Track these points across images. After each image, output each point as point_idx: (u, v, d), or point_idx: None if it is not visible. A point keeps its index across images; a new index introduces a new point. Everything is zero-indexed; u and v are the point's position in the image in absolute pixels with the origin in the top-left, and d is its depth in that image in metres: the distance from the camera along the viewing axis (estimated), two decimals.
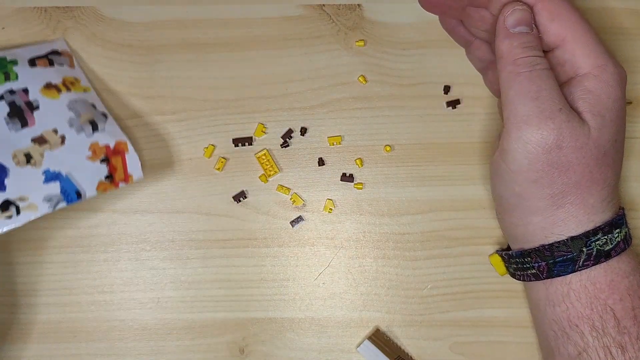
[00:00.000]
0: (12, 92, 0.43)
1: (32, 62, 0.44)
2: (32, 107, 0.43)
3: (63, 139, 0.42)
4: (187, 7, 0.48)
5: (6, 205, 0.40)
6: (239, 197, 0.47)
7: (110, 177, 0.42)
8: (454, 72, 0.48)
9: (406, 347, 0.47)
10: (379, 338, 0.46)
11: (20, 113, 0.42)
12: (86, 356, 0.47)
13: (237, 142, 0.47)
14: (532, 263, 0.41)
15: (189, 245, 0.47)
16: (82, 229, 0.47)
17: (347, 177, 0.47)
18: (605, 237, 0.39)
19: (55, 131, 0.42)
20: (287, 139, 0.47)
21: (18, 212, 0.40)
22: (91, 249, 0.47)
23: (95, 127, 0.43)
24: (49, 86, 0.43)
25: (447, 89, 0.48)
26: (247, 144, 0.47)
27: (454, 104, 0.47)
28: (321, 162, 0.47)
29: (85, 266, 0.47)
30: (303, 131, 0.48)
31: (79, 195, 0.41)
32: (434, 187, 0.47)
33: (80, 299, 0.47)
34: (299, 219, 0.47)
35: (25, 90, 0.43)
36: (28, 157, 0.41)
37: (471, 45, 0.44)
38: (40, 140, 0.42)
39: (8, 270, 0.47)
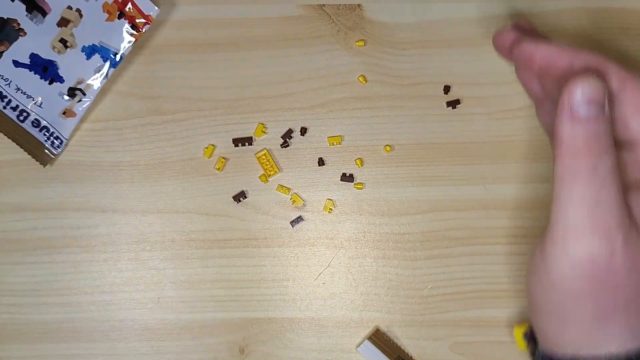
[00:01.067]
0: None
1: None
2: None
3: (80, 12, 0.45)
4: (188, 7, 0.48)
5: (72, 92, 0.45)
6: (239, 197, 0.47)
7: (134, 27, 0.45)
8: (454, 72, 0.48)
9: (406, 347, 0.47)
10: (379, 338, 0.46)
11: (35, 4, 0.44)
12: (86, 356, 0.47)
13: (237, 142, 0.47)
14: None
15: (189, 245, 0.47)
16: (82, 229, 0.47)
17: (347, 177, 0.47)
18: None
19: (70, 7, 0.45)
20: (287, 139, 0.47)
21: (84, 94, 0.46)
22: (91, 249, 0.47)
23: None
24: None
25: (447, 89, 0.48)
26: (247, 144, 0.47)
27: (454, 104, 0.47)
28: (321, 162, 0.47)
29: (85, 266, 0.47)
30: (303, 131, 0.48)
31: (117, 56, 0.45)
32: (434, 187, 0.47)
33: (80, 299, 0.47)
34: (299, 219, 0.47)
35: None
36: (64, 42, 0.45)
37: (542, 104, 0.39)
38: (63, 22, 0.45)
39: (8, 270, 0.47)
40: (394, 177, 0.48)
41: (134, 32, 0.45)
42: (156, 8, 0.45)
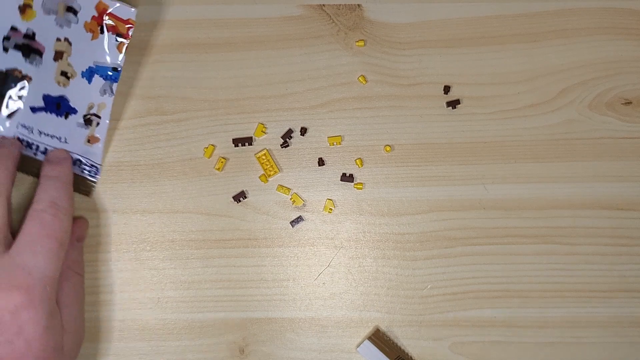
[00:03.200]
0: (6, 38, 0.43)
1: None
2: (30, 37, 0.44)
3: (67, 40, 0.45)
4: (187, 7, 0.48)
5: (87, 119, 0.46)
6: (239, 197, 0.47)
7: (119, 35, 0.45)
8: (454, 72, 0.48)
9: (406, 347, 0.47)
10: (379, 338, 0.46)
11: (29, 47, 0.44)
12: (86, 356, 0.47)
13: (237, 142, 0.47)
14: None
15: (189, 245, 0.47)
16: None
17: (347, 177, 0.47)
18: None
19: (59, 39, 0.45)
20: (287, 139, 0.47)
21: (98, 116, 0.46)
22: (91, 249, 0.47)
23: (74, 11, 0.44)
24: (20, 9, 0.44)
25: (447, 89, 0.48)
26: (247, 144, 0.47)
27: (454, 104, 0.48)
28: (321, 162, 0.47)
29: (86, 266, 0.47)
30: (303, 131, 0.48)
31: (116, 69, 0.45)
32: (433, 187, 0.47)
33: None
34: (299, 219, 0.47)
35: (13, 28, 0.44)
36: (65, 74, 0.45)
37: None
38: (58, 56, 0.45)
39: None
40: (394, 177, 0.48)
41: (122, 40, 0.45)
42: (132, 9, 0.44)
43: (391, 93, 0.48)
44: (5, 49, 0.43)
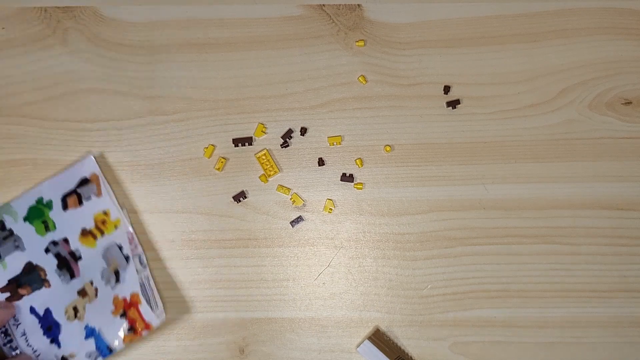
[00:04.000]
0: (55, 243, 0.45)
1: (65, 203, 0.46)
2: (75, 257, 0.45)
3: (96, 291, 0.45)
4: (187, 7, 0.48)
5: None
6: (239, 197, 0.47)
7: (132, 329, 0.45)
8: (454, 72, 0.48)
9: (406, 347, 0.47)
10: (379, 338, 0.46)
11: (67, 264, 0.45)
12: None
13: (237, 142, 0.47)
14: None
15: (189, 245, 0.47)
16: None
17: (347, 177, 0.47)
18: None
19: (92, 283, 0.45)
20: (287, 139, 0.48)
21: None
22: None
23: (117, 278, 0.45)
24: (85, 233, 0.45)
25: (447, 89, 0.48)
26: (247, 144, 0.47)
27: (454, 104, 0.48)
28: (321, 162, 0.47)
29: None
30: (303, 131, 0.48)
31: (110, 350, 0.45)
32: (433, 187, 0.47)
33: None
34: (299, 219, 0.47)
35: (66, 240, 0.45)
36: (75, 311, 0.45)
37: None
38: (83, 293, 0.45)
39: None
40: (394, 177, 0.48)
41: (131, 334, 0.45)
42: (158, 322, 0.45)
43: (391, 93, 0.48)
44: (47, 250, 0.45)
